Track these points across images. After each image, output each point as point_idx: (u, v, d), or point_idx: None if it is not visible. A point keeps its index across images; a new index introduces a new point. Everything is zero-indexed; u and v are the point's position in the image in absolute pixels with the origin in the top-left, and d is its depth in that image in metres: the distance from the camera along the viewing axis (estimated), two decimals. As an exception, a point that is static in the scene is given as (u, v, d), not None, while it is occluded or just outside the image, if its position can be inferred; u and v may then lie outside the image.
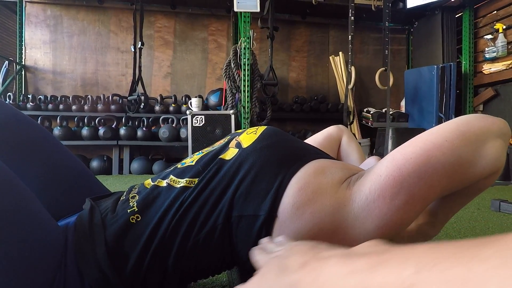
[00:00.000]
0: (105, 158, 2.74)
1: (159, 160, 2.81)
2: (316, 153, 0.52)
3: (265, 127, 0.55)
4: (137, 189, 0.53)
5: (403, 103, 3.35)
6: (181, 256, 0.46)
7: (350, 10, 2.82)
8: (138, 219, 0.46)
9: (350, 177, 0.45)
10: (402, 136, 2.86)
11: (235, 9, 2.52)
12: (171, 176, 0.50)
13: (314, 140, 0.79)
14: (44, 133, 0.63)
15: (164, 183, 0.50)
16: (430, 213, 0.52)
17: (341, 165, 0.49)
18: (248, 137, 0.52)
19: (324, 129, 0.81)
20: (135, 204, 0.48)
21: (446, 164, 0.40)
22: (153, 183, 0.51)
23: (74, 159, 0.66)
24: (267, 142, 0.50)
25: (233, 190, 0.45)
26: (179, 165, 0.53)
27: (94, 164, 2.70)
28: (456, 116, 2.86)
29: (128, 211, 0.47)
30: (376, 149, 3.07)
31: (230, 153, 0.50)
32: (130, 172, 2.74)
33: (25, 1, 2.98)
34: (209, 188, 0.47)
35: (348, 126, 3.02)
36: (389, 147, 2.85)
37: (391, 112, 3.09)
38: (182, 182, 0.48)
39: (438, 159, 0.40)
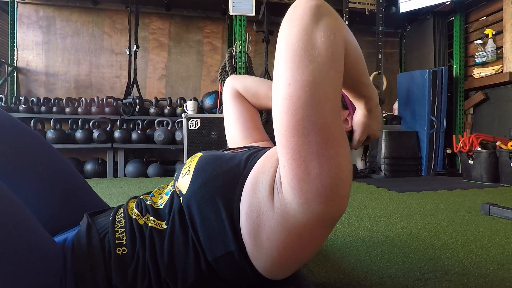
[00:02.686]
0: (99, 161, 2.72)
1: (154, 163, 2.80)
2: (250, 159, 0.51)
3: (197, 158, 0.54)
4: (122, 212, 0.53)
5: (396, 105, 3.40)
6: None
7: (344, 15, 2.86)
8: (124, 252, 0.47)
9: (275, 181, 0.44)
10: (395, 139, 2.91)
11: (231, 13, 2.53)
12: (147, 215, 0.51)
13: (226, 116, 0.75)
14: (42, 142, 0.62)
15: (142, 221, 0.50)
16: (357, 102, 0.52)
17: (268, 162, 0.47)
18: (185, 180, 0.51)
19: (222, 97, 0.75)
20: (122, 234, 0.49)
21: (313, 95, 0.37)
22: (135, 215, 0.51)
23: (71, 169, 0.64)
24: (200, 180, 0.49)
25: (195, 238, 0.46)
26: (149, 202, 0.53)
27: (88, 167, 2.68)
28: (447, 119, 2.92)
29: (116, 242, 0.48)
30: (370, 151, 3.11)
31: (178, 203, 0.50)
32: (124, 175, 2.73)
33: (17, 2, 2.95)
34: (177, 235, 0.47)
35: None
36: (382, 149, 2.90)
37: (384, 115, 3.13)
38: (153, 223, 0.49)
39: (303, 100, 0.36)
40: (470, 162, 2.59)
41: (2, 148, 0.55)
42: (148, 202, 0.53)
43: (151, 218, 0.49)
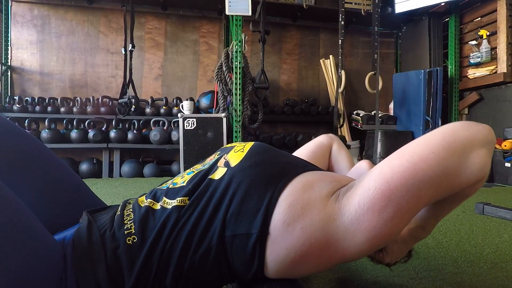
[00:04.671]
0: (94, 161, 2.70)
1: (150, 163, 2.79)
2: (304, 166, 0.53)
3: (252, 143, 0.56)
4: (131, 206, 0.54)
5: (391, 105, 3.41)
6: (178, 276, 0.47)
7: (340, 15, 2.87)
8: (134, 240, 0.47)
9: (339, 190, 0.46)
10: (391, 139, 2.93)
11: (227, 13, 2.53)
12: (164, 198, 0.51)
13: (306, 148, 0.81)
14: (41, 147, 0.63)
15: (158, 206, 0.51)
16: (420, 218, 0.54)
17: (329, 178, 0.50)
18: (236, 155, 0.53)
19: (315, 138, 0.83)
20: (132, 225, 0.49)
21: (433, 176, 0.41)
22: (146, 203, 0.52)
23: (70, 172, 0.66)
24: (254, 160, 0.51)
25: (224, 210, 0.46)
26: (171, 185, 0.54)
27: (84, 167, 2.66)
28: (442, 119, 2.94)
29: (125, 232, 0.48)
30: (366, 151, 3.12)
31: (219, 173, 0.51)
32: (120, 175, 2.71)
33: (11, 0, 2.91)
34: (200, 209, 0.47)
35: (339, 129, 3.06)
36: (378, 149, 2.91)
37: (380, 115, 3.14)
38: (174, 203, 0.49)
39: (425, 171, 0.41)
40: (465, 162, 2.61)
41: (2, 151, 0.57)
42: (169, 186, 0.54)
43: (175, 199, 0.50)
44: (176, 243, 0.46)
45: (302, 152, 0.80)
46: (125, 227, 0.49)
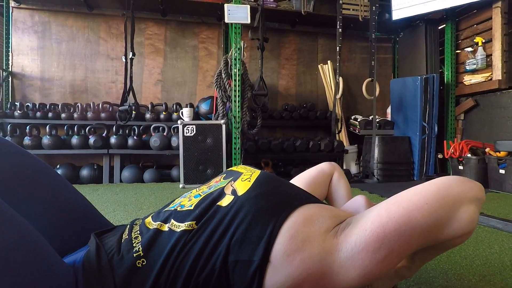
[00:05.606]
0: (95, 167, 2.73)
1: (150, 168, 2.82)
2: (306, 198, 0.56)
3: (259, 172, 0.60)
4: (138, 228, 0.56)
5: (389, 110, 3.45)
6: None
7: (338, 22, 2.90)
8: (143, 263, 0.50)
9: (338, 226, 0.50)
10: (388, 144, 2.97)
11: (226, 21, 2.56)
12: (172, 221, 0.54)
13: (309, 173, 0.85)
14: (45, 168, 0.65)
15: (166, 228, 0.53)
16: (407, 259, 0.58)
17: (329, 212, 0.53)
18: (243, 184, 0.56)
19: (318, 165, 0.88)
20: (140, 247, 0.51)
21: (424, 226, 0.46)
22: (155, 225, 0.55)
23: (76, 192, 0.68)
24: (260, 190, 0.54)
25: (230, 236, 0.50)
26: (178, 208, 0.57)
27: (84, 172, 2.69)
28: (439, 125, 2.99)
29: (134, 255, 0.51)
30: (363, 156, 3.16)
31: (226, 200, 0.54)
32: (121, 181, 2.74)
33: (12, 7, 2.94)
34: (207, 233, 0.50)
35: (337, 134, 3.10)
36: (376, 154, 2.95)
37: (377, 120, 3.18)
38: (182, 226, 0.52)
39: (418, 220, 0.46)
40: (460, 167, 2.65)
41: (8, 174, 0.59)
42: (176, 208, 0.57)
43: (184, 223, 0.53)
44: (182, 265, 0.49)
45: (304, 177, 0.83)
46: (133, 250, 0.51)
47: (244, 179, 0.58)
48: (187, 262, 0.49)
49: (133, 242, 0.53)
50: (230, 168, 0.68)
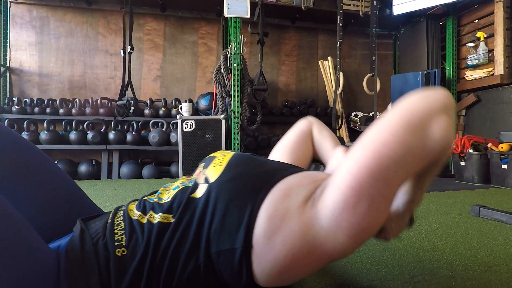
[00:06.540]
0: (93, 163, 2.71)
1: (149, 164, 2.80)
2: (284, 170, 0.52)
3: (231, 155, 0.56)
4: (122, 214, 0.54)
5: (390, 106, 3.43)
6: None
7: (339, 17, 2.88)
8: (124, 253, 0.47)
9: (315, 192, 0.46)
10: (389, 140, 2.94)
11: (226, 15, 2.54)
12: (151, 212, 0.52)
13: (287, 139, 0.79)
14: (39, 154, 0.64)
15: (145, 220, 0.51)
16: (407, 192, 0.53)
17: (308, 179, 0.49)
18: (215, 169, 0.53)
19: (294, 126, 0.80)
20: (123, 236, 0.49)
21: (398, 159, 0.41)
22: (136, 216, 0.52)
23: (67, 179, 0.66)
24: (233, 173, 0.51)
25: (207, 226, 0.47)
26: (156, 199, 0.54)
27: (83, 168, 2.67)
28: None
29: (115, 244, 0.48)
30: (364, 152, 3.14)
31: (200, 191, 0.51)
32: (119, 177, 2.72)
33: (10, 2, 2.92)
34: (183, 227, 0.48)
35: (337, 130, 3.08)
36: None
37: (378, 116, 3.16)
38: (158, 218, 0.50)
39: (389, 156, 0.40)
40: (462, 163, 2.63)
41: (3, 160, 0.58)
42: (155, 200, 0.54)
43: (159, 214, 0.50)
44: (162, 260, 0.47)
45: (284, 144, 0.78)
46: (115, 238, 0.49)
47: (216, 164, 0.54)
48: (166, 257, 0.47)
49: (115, 228, 0.51)
50: (208, 156, 0.64)
